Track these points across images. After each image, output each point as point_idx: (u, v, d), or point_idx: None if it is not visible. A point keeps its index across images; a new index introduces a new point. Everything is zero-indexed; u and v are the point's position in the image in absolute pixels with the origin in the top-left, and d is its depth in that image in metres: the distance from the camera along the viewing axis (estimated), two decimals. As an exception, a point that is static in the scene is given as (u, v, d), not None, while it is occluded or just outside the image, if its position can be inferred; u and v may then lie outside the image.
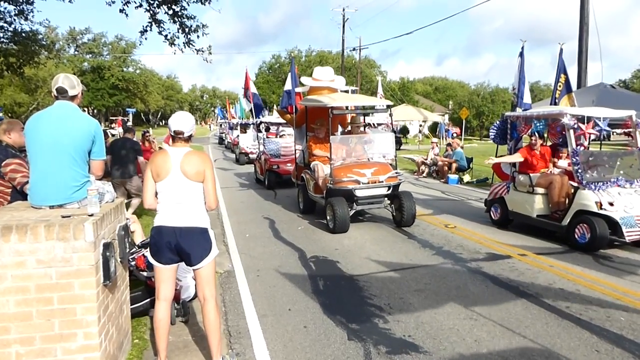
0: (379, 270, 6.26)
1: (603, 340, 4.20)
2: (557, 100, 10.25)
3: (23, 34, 15.93)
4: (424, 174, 16.80)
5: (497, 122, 9.12)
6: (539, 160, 8.37)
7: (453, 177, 15.14)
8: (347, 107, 9.82)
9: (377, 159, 9.31)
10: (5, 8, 14.75)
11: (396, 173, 8.91)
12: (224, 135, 38.31)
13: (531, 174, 8.09)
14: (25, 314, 2.93)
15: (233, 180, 16.26)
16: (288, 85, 11.99)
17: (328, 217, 8.41)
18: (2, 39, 15.70)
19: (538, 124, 8.37)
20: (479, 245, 7.42)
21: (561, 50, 10.27)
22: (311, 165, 9.63)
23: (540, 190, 7.88)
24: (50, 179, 3.42)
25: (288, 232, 8.52)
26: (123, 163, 8.66)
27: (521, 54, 10.03)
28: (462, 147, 16.84)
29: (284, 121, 17.96)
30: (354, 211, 8.57)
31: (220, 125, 44.47)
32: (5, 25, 15.20)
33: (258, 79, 63.39)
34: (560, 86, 10.23)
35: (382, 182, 8.58)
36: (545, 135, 9.05)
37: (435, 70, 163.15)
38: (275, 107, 36.78)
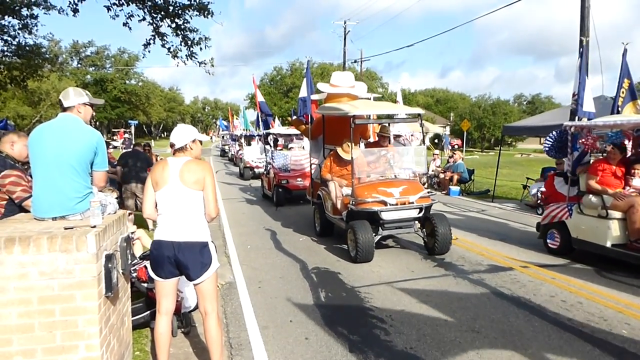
0: (381, 281, 6.25)
1: (605, 353, 4.18)
2: (619, 108, 8.96)
3: (27, 48, 16.04)
4: (425, 186, 16.76)
5: (554, 133, 7.92)
6: (613, 178, 6.99)
7: (454, 188, 15.15)
8: (369, 116, 8.81)
9: (405, 175, 8.31)
10: (9, 22, 14.92)
11: (428, 192, 7.84)
12: (226, 147, 37.66)
13: (603, 195, 6.79)
14: (28, 326, 2.93)
15: (235, 193, 16.28)
16: (303, 92, 10.79)
17: (349, 244, 7.33)
18: (6, 53, 15.83)
19: (613, 136, 7.25)
20: (481, 257, 7.41)
21: (625, 51, 8.96)
22: (327, 183, 8.55)
23: (617, 214, 6.59)
24: (53, 190, 3.44)
25: (289, 244, 8.51)
26: (137, 172, 9.19)
27: (581, 54, 8.71)
28: (462, 159, 16.87)
29: (293, 133, 17.47)
30: (379, 237, 7.41)
31: (223, 137, 44.25)
32: (9, 39, 15.35)
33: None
34: (623, 92, 8.96)
35: (413, 203, 7.43)
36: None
37: (437, 82, 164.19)
38: (277, 118, 36.68)
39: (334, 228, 8.79)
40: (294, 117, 12.77)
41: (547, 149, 8.17)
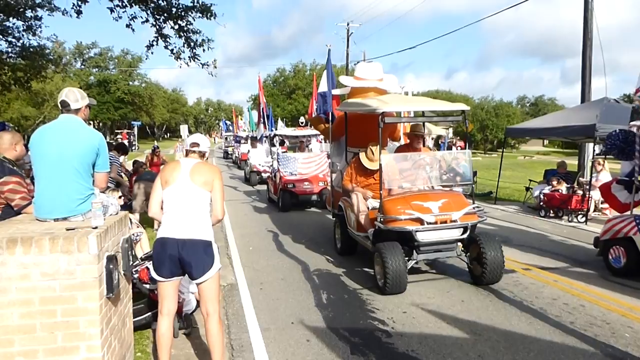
0: (382, 284, 6.23)
1: (608, 357, 4.16)
2: None
3: (31, 49, 16.16)
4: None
5: (618, 131, 6.83)
6: None
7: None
8: (399, 114, 7.46)
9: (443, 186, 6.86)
10: (14, 24, 15.04)
11: (475, 208, 6.29)
12: (229, 149, 37.25)
13: None
14: (29, 327, 2.93)
15: (239, 196, 16.26)
16: (323, 87, 9.43)
17: (376, 269, 6.00)
18: (10, 54, 15.94)
19: None
20: (483, 260, 7.38)
21: None
22: (350, 195, 7.19)
23: None
24: (55, 191, 3.45)
25: (291, 245, 8.51)
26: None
27: None
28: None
29: (300, 134, 16.67)
30: (413, 262, 6.07)
31: (226, 138, 44.10)
32: (13, 40, 15.47)
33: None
34: None
35: (456, 221, 5.97)
36: None
37: (441, 84, 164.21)
38: (281, 119, 36.54)
39: (358, 245, 7.44)
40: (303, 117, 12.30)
41: (609, 146, 6.99)
